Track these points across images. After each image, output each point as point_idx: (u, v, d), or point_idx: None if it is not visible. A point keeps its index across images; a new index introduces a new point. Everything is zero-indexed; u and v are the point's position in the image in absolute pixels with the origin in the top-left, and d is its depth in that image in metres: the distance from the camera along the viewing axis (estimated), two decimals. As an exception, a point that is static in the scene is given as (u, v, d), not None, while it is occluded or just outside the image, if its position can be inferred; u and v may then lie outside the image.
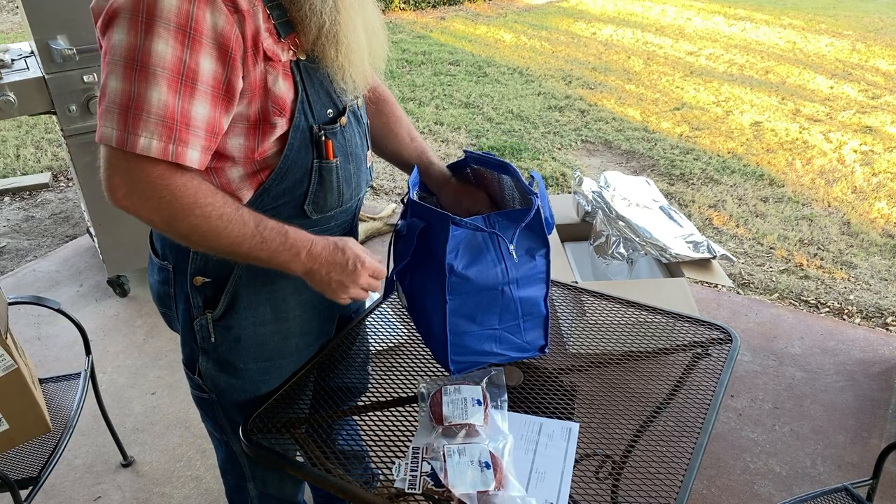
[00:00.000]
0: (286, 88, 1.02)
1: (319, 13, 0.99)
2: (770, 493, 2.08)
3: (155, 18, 0.88)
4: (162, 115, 0.90)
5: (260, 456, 1.15)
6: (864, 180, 4.30)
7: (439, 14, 9.31)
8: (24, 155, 4.50)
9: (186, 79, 0.91)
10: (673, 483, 1.06)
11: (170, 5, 0.88)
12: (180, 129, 0.92)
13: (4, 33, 7.93)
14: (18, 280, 3.20)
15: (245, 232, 1.00)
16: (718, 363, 1.33)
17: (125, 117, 0.90)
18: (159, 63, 0.89)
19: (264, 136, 1.03)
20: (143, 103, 0.89)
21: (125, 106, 0.89)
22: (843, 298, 3.10)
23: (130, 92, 0.89)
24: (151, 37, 0.88)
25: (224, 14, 0.92)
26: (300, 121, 1.05)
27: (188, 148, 0.94)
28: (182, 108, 0.92)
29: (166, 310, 1.25)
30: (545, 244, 1.22)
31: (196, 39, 0.91)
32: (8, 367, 1.60)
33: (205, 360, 1.22)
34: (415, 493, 1.02)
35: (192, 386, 1.28)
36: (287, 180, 1.09)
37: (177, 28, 0.89)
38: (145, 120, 0.90)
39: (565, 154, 4.68)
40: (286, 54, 1.01)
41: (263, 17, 0.97)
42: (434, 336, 1.23)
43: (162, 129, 0.91)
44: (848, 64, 7.01)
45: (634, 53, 7.31)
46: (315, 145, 1.08)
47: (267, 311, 1.19)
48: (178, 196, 0.95)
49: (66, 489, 2.12)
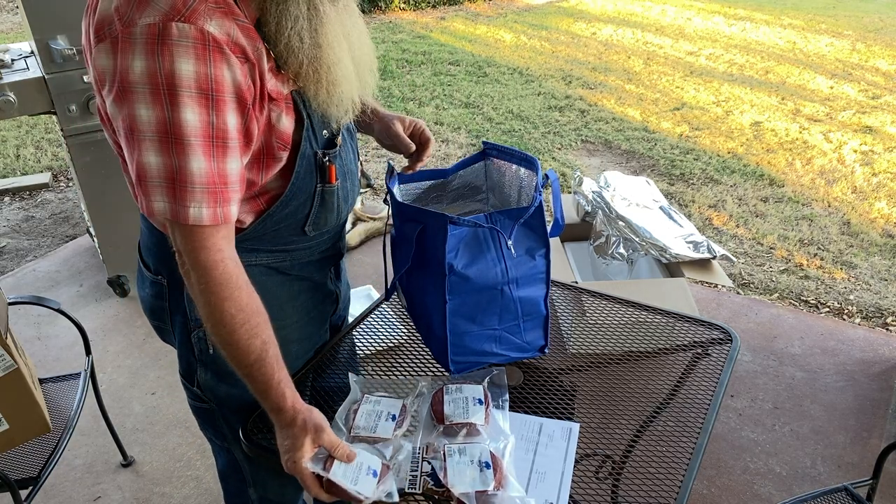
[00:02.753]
0: (289, 122, 1.02)
1: (297, 51, 0.97)
2: (770, 493, 2.08)
3: (177, 88, 0.87)
4: (205, 182, 0.91)
5: (261, 457, 1.15)
6: (864, 180, 4.30)
7: (439, 14, 9.31)
8: (24, 155, 4.50)
9: (217, 140, 0.91)
10: (673, 483, 1.06)
11: (188, 73, 0.87)
12: (222, 191, 0.93)
13: (4, 33, 7.93)
14: (18, 280, 3.20)
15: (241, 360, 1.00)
16: (718, 363, 1.33)
17: (173, 191, 0.90)
18: (192, 132, 0.88)
19: (268, 169, 1.03)
20: (185, 175, 0.89)
21: (170, 179, 0.90)
22: (843, 298, 3.10)
23: (172, 165, 0.89)
24: (178, 108, 0.87)
25: (238, 66, 0.91)
26: (306, 148, 1.06)
27: (230, 205, 0.95)
28: (219, 168, 0.92)
29: (160, 323, 1.24)
30: (545, 244, 1.22)
31: (219, 99, 0.90)
32: (8, 367, 1.60)
33: (203, 371, 1.21)
34: (415, 493, 1.02)
35: (191, 396, 1.28)
36: (290, 206, 1.09)
37: (199, 93, 0.88)
38: (191, 191, 0.90)
39: (565, 154, 4.68)
40: (287, 86, 1.01)
41: (267, 57, 0.96)
42: (434, 336, 1.23)
43: (208, 195, 0.91)
44: (848, 64, 7.01)
45: (634, 53, 7.31)
46: (319, 170, 1.09)
47: None
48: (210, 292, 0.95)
49: (66, 489, 2.12)
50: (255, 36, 0.95)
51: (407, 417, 1.14)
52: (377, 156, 4.61)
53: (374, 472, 1.00)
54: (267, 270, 1.17)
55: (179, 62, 0.86)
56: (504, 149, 1.35)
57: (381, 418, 1.12)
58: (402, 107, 5.53)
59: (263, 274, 1.16)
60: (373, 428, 1.10)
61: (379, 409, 1.14)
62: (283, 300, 1.21)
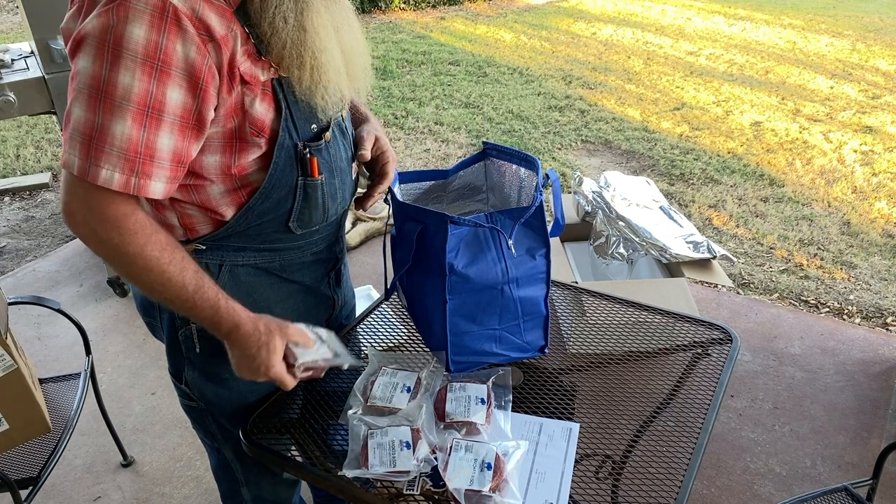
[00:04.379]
0: (264, 109, 1.00)
1: (281, 31, 0.97)
2: (770, 493, 2.08)
3: (122, 50, 0.86)
4: (125, 148, 0.89)
5: (260, 457, 1.15)
6: (864, 180, 4.30)
7: (439, 14, 9.31)
8: (24, 155, 4.50)
9: (153, 111, 0.89)
10: (673, 483, 1.06)
11: (137, 37, 0.86)
12: (144, 162, 0.91)
13: (4, 33, 7.93)
14: (18, 280, 3.20)
15: (181, 296, 0.99)
16: (718, 363, 1.33)
17: (88, 147, 0.88)
18: (124, 96, 0.87)
19: (241, 153, 1.02)
20: (105, 135, 0.88)
21: (88, 135, 0.88)
22: (843, 298, 3.10)
23: (94, 122, 0.88)
24: (117, 68, 0.86)
25: (195, 45, 0.89)
26: (284, 139, 1.03)
27: (151, 180, 0.92)
28: (147, 140, 0.90)
29: (150, 319, 1.24)
30: (546, 244, 1.22)
31: (164, 71, 0.88)
32: (8, 367, 1.60)
33: (190, 370, 1.21)
34: (414, 494, 1.02)
35: (180, 395, 1.27)
36: (271, 199, 1.07)
37: (144, 60, 0.87)
38: (108, 152, 0.88)
39: (565, 154, 4.68)
40: (266, 73, 0.99)
41: (242, 39, 0.95)
42: (434, 336, 1.23)
43: (124, 162, 0.89)
44: (848, 64, 7.01)
45: (634, 53, 7.31)
46: (300, 163, 1.07)
47: None
48: (127, 242, 0.93)
49: (66, 489, 2.12)
50: (231, 17, 0.94)
51: (421, 390, 1.17)
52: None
53: (407, 443, 1.06)
54: (255, 271, 1.16)
55: (132, 25, 0.86)
56: (504, 149, 1.35)
57: (397, 389, 1.16)
58: (402, 107, 5.53)
59: (252, 274, 1.15)
60: (389, 398, 1.14)
61: (395, 380, 1.18)
62: (273, 301, 1.19)
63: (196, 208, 1.06)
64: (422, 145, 4.80)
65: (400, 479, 1.02)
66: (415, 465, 1.02)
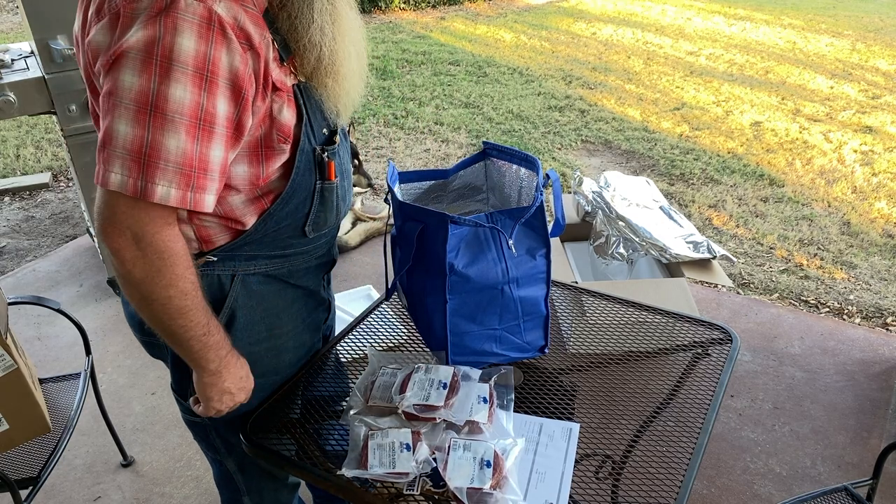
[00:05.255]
0: (290, 115, 1.00)
1: (319, 46, 0.97)
2: (770, 493, 2.08)
3: (172, 62, 0.84)
4: (181, 162, 0.87)
5: (261, 457, 1.15)
6: (864, 180, 4.30)
7: (439, 14, 9.31)
8: (24, 155, 4.50)
9: (204, 123, 0.88)
10: (673, 483, 1.06)
11: (188, 49, 0.84)
12: (198, 176, 0.89)
13: (4, 33, 7.93)
14: (18, 280, 3.20)
15: (200, 321, 0.99)
16: (718, 363, 1.33)
17: (139, 164, 0.85)
18: (177, 109, 0.85)
19: (268, 161, 1.01)
20: (159, 151, 0.86)
21: (138, 153, 0.85)
22: (843, 298, 3.10)
23: (144, 138, 0.85)
24: (168, 81, 0.84)
25: (239, 53, 0.89)
26: (305, 144, 1.04)
27: (205, 193, 0.91)
28: (200, 153, 0.89)
29: (148, 338, 1.19)
30: (546, 244, 1.22)
31: (213, 82, 0.87)
32: (8, 367, 1.60)
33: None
34: (414, 494, 1.02)
35: (183, 410, 1.26)
36: (291, 204, 1.08)
37: (195, 72, 0.85)
38: (163, 168, 0.86)
39: (565, 154, 4.68)
40: (290, 79, 0.99)
41: (272, 47, 0.95)
42: (434, 336, 1.23)
43: (181, 177, 0.88)
44: (848, 64, 7.01)
45: (634, 53, 7.31)
46: (318, 167, 1.07)
47: (262, 329, 1.18)
48: (171, 264, 0.92)
49: (66, 489, 2.12)
50: (263, 24, 0.93)
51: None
52: (377, 156, 4.61)
53: (407, 445, 1.05)
54: (265, 279, 1.16)
55: (181, 37, 0.84)
56: (504, 149, 1.35)
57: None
58: (402, 107, 5.53)
59: (262, 283, 1.15)
60: (388, 398, 1.14)
61: (394, 381, 1.18)
62: (280, 308, 1.20)
63: (216, 219, 1.05)
64: (422, 145, 4.80)
65: (399, 480, 1.02)
66: (414, 466, 1.02)
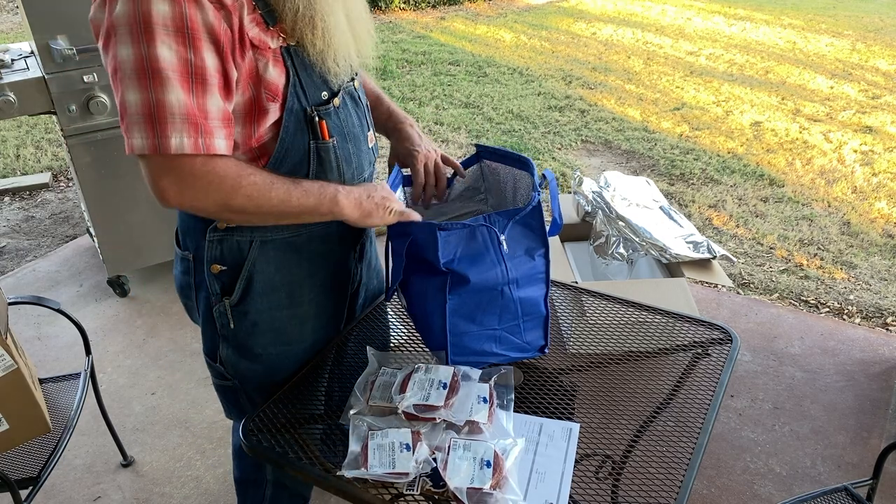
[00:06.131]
0: (277, 74, 1.05)
1: None
2: (770, 493, 2.08)
3: (152, 25, 0.91)
4: (185, 113, 0.94)
5: (260, 456, 1.15)
6: (864, 180, 4.30)
7: (439, 14, 9.31)
8: (24, 155, 4.50)
9: (196, 76, 0.95)
10: (673, 483, 1.06)
11: (163, 11, 0.91)
12: (203, 123, 0.96)
13: (4, 33, 7.93)
14: (18, 280, 3.20)
15: (288, 187, 1.05)
16: (718, 363, 1.33)
17: (151, 124, 0.93)
18: (169, 66, 0.92)
19: (259, 121, 1.06)
20: (164, 107, 0.93)
21: (148, 114, 0.93)
22: (843, 298, 3.10)
23: (149, 100, 0.92)
24: (154, 43, 0.91)
25: (211, 10, 0.95)
26: (293, 103, 1.08)
27: (215, 138, 0.98)
28: (198, 103, 0.95)
29: (187, 300, 1.29)
30: (545, 244, 1.22)
31: (195, 37, 0.94)
32: (8, 367, 1.60)
33: (225, 346, 1.25)
34: (414, 494, 1.02)
35: (214, 375, 1.32)
36: (286, 164, 1.11)
37: (175, 31, 0.92)
38: (171, 122, 0.93)
39: (565, 154, 4.68)
40: (275, 41, 1.04)
41: (249, 9, 1.00)
42: (434, 336, 1.23)
43: (188, 125, 0.95)
44: (848, 64, 7.01)
45: (634, 53, 7.31)
46: (310, 126, 1.11)
47: (283, 295, 1.22)
48: (224, 176, 1.00)
49: (66, 489, 2.12)
50: None
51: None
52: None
53: (407, 445, 1.04)
54: (284, 245, 1.20)
55: (155, 3, 0.91)
56: (497, 150, 1.35)
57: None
58: (402, 107, 5.52)
59: (280, 249, 1.19)
60: (388, 398, 1.14)
61: (394, 381, 1.18)
62: (303, 277, 1.23)
63: None
64: (422, 145, 4.80)
65: (399, 480, 1.02)
66: (414, 466, 1.02)
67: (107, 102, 2.63)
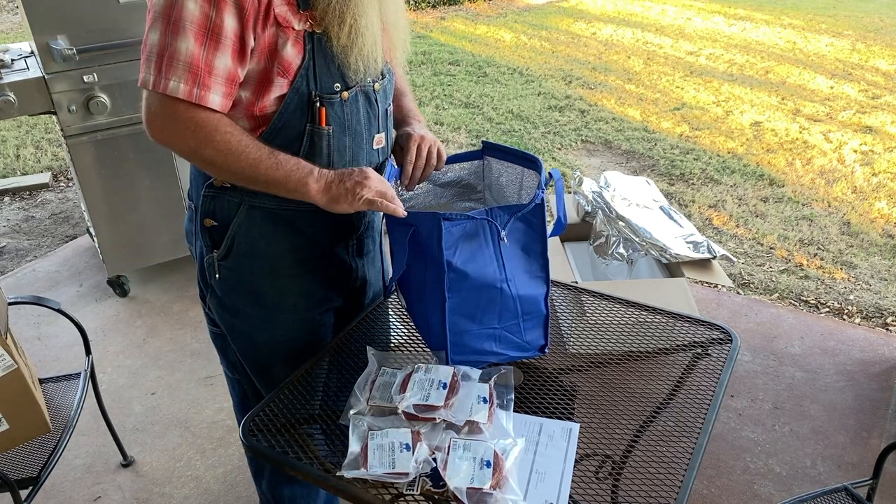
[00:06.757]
0: (294, 54, 1.10)
1: None
2: (770, 493, 2.08)
3: None
4: (189, 62, 1.03)
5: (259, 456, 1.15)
6: (864, 180, 4.30)
7: (439, 14, 9.31)
8: (24, 155, 4.50)
9: (212, 33, 1.03)
10: (673, 483, 1.06)
11: None
12: (204, 76, 1.05)
13: (4, 33, 7.93)
14: (18, 280, 3.20)
15: (261, 155, 1.10)
16: (718, 363, 1.33)
17: (160, 64, 1.04)
18: (189, 18, 1.02)
19: (265, 92, 1.12)
20: (174, 52, 1.03)
21: (160, 55, 1.03)
22: (843, 298, 3.10)
23: (165, 42, 1.03)
24: None
25: None
26: (301, 84, 1.13)
27: (210, 92, 1.06)
28: (206, 58, 1.04)
29: (190, 246, 1.37)
30: (544, 243, 1.22)
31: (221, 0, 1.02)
32: (8, 367, 1.60)
33: (211, 296, 1.33)
34: (414, 494, 1.02)
35: (207, 322, 1.43)
36: (279, 139, 1.15)
37: None
38: (175, 66, 1.03)
39: (565, 154, 4.68)
40: (301, 24, 1.09)
41: None
42: (433, 335, 1.23)
43: (188, 74, 1.04)
44: (848, 64, 7.01)
45: (634, 53, 7.31)
46: (311, 110, 1.14)
47: (264, 264, 1.27)
48: (202, 125, 1.07)
49: (66, 489, 2.12)
50: None
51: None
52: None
53: (407, 445, 1.05)
54: (271, 215, 1.23)
55: None
56: (505, 148, 1.35)
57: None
58: (402, 107, 5.52)
59: (266, 218, 1.23)
60: (388, 398, 1.15)
61: (394, 381, 1.18)
62: (285, 250, 1.27)
63: None
64: (422, 145, 4.80)
65: (399, 480, 1.02)
66: (414, 466, 1.02)
67: (107, 102, 2.63)
